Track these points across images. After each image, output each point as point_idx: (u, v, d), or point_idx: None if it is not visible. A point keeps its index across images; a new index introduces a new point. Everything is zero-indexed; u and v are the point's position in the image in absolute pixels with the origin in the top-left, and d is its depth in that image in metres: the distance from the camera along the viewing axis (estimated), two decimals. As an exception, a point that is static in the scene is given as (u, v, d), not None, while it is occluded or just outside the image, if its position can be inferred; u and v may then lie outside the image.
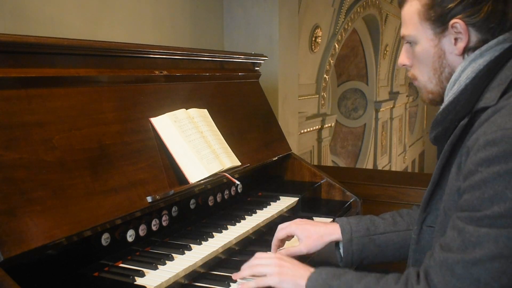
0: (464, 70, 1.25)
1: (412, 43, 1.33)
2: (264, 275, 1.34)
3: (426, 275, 1.14)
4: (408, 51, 1.37)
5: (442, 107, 1.30)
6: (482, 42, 1.23)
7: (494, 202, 1.03)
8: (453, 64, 1.28)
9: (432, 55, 1.29)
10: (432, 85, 1.34)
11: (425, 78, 1.34)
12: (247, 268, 1.39)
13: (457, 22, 1.21)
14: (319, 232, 1.56)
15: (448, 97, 1.28)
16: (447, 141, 1.26)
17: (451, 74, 1.29)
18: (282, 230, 1.60)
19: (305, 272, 1.30)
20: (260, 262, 1.38)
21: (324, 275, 1.27)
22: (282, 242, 1.63)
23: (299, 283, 1.28)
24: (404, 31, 1.34)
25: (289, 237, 1.63)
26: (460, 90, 1.25)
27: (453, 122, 1.24)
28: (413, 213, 1.63)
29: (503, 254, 1.02)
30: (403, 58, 1.39)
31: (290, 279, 1.30)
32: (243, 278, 1.40)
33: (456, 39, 1.24)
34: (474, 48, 1.24)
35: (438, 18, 1.24)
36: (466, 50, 1.25)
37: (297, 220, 1.63)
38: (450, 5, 1.22)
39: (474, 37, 1.23)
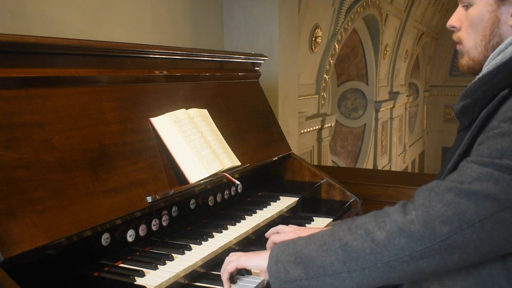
0: None
1: (468, 5, 1.29)
2: (232, 263, 1.33)
3: (405, 202, 1.11)
4: (460, 13, 1.32)
5: (478, 76, 1.26)
6: None
7: (505, 154, 1.01)
8: (505, 34, 1.24)
9: (486, 21, 1.25)
10: (476, 52, 1.29)
11: (471, 43, 1.30)
12: (222, 272, 1.38)
13: None
14: None
15: (488, 66, 1.24)
16: (475, 113, 1.22)
17: (498, 44, 1.24)
18: (280, 235, 1.55)
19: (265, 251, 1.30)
20: (228, 258, 1.37)
21: (292, 240, 1.25)
22: None
23: (266, 253, 1.26)
24: None
25: None
26: (503, 62, 1.20)
27: (486, 94, 1.20)
28: None
29: (498, 197, 1.00)
30: (454, 20, 1.33)
31: (257, 254, 1.30)
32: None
33: None
34: None
35: None
36: None
37: (295, 228, 1.58)
38: None
39: None
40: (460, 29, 1.33)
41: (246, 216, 1.88)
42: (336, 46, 6.06)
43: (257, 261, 1.29)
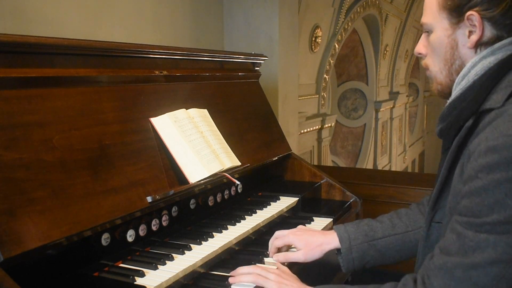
0: (474, 66, 1.23)
1: (429, 31, 1.32)
2: (262, 279, 1.35)
3: (424, 279, 1.14)
4: (424, 40, 1.36)
5: (449, 101, 1.29)
6: (496, 39, 1.21)
7: (494, 209, 1.03)
8: (465, 57, 1.26)
9: (445, 45, 1.28)
10: (442, 76, 1.32)
11: (436, 68, 1.33)
12: (247, 275, 1.39)
13: (473, 14, 1.20)
14: (318, 241, 1.56)
15: (456, 91, 1.27)
16: (451, 138, 1.25)
17: (461, 67, 1.27)
18: (280, 239, 1.60)
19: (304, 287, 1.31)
20: (261, 272, 1.38)
21: None
22: (279, 249, 1.64)
23: None
24: (423, 18, 1.33)
25: (287, 246, 1.64)
26: (468, 86, 1.23)
27: (457, 119, 1.23)
28: (411, 212, 1.62)
29: (502, 259, 1.02)
30: (420, 47, 1.37)
31: None
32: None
33: (470, 32, 1.23)
34: (487, 44, 1.22)
35: (455, 8, 1.23)
36: (479, 45, 1.23)
37: (295, 230, 1.62)
38: None
39: (489, 32, 1.21)
40: (426, 55, 1.36)
41: (246, 216, 1.88)
42: (336, 46, 6.06)
43: None
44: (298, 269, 1.56)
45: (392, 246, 1.56)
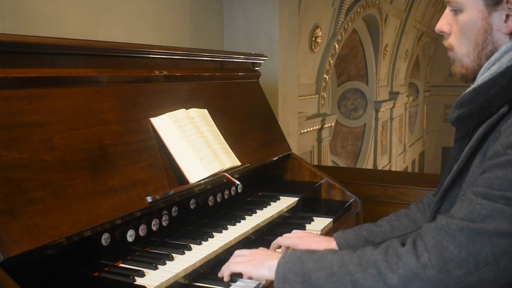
0: (508, 51, 1.16)
1: (457, 10, 1.22)
2: (236, 265, 1.33)
3: (415, 240, 1.08)
4: (449, 17, 1.26)
5: (473, 86, 1.21)
6: None
7: None
8: (498, 42, 1.18)
9: (478, 28, 1.19)
10: (469, 60, 1.23)
11: (463, 51, 1.24)
12: (224, 268, 1.38)
13: None
14: (322, 248, 1.55)
15: (483, 76, 1.19)
16: (472, 124, 1.19)
17: (492, 52, 1.19)
18: (286, 239, 1.59)
19: (276, 255, 1.28)
20: (234, 260, 1.37)
21: (299, 252, 1.24)
22: (280, 248, 1.63)
23: (271, 263, 1.25)
24: None
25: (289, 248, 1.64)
26: (499, 72, 1.15)
27: (484, 106, 1.16)
28: (410, 212, 1.60)
29: None
30: (443, 24, 1.27)
31: (261, 262, 1.28)
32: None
33: (507, 16, 1.15)
34: None
35: None
36: None
37: (302, 235, 1.61)
38: None
39: None
40: (449, 34, 1.27)
41: (246, 216, 1.88)
42: (336, 46, 6.06)
43: (263, 271, 1.27)
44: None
45: None
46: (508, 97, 1.11)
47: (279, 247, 1.62)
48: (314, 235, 1.64)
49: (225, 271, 1.37)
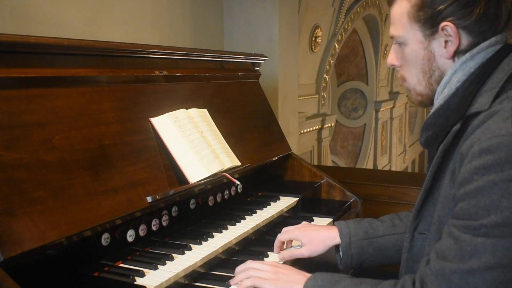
0: (455, 73, 1.22)
1: (401, 44, 1.30)
2: (260, 281, 1.33)
3: (422, 284, 1.12)
4: (397, 51, 1.34)
5: (432, 110, 1.27)
6: (473, 45, 1.20)
7: (490, 211, 1.01)
8: (443, 67, 1.25)
9: (422, 58, 1.26)
10: (421, 88, 1.31)
11: (414, 80, 1.32)
12: (242, 272, 1.37)
13: (448, 25, 1.18)
14: (322, 236, 1.57)
15: (439, 100, 1.25)
16: (438, 146, 1.23)
17: (441, 77, 1.26)
18: (286, 233, 1.63)
19: (301, 277, 1.29)
20: (256, 266, 1.37)
21: (320, 281, 1.26)
22: (284, 244, 1.65)
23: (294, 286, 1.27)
24: (393, 31, 1.31)
25: (291, 241, 1.67)
26: (451, 93, 1.22)
27: (444, 127, 1.21)
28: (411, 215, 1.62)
29: (500, 264, 1.01)
30: (392, 58, 1.36)
31: (286, 285, 1.29)
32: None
33: (446, 42, 1.21)
34: (465, 51, 1.21)
35: (428, 20, 1.21)
36: (457, 53, 1.22)
37: (301, 226, 1.65)
38: (440, 7, 1.18)
39: (465, 40, 1.20)
40: (400, 66, 1.34)
41: (246, 216, 1.88)
42: (336, 46, 6.06)
43: None
44: (300, 268, 1.56)
45: (392, 245, 1.56)
46: (459, 114, 1.17)
47: (281, 245, 1.64)
48: (312, 225, 1.68)
49: (240, 275, 1.36)
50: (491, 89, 1.14)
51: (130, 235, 1.46)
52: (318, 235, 1.58)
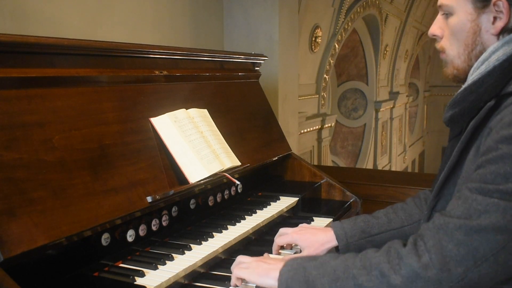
0: (496, 51, 1.21)
1: (448, 14, 1.29)
2: (241, 271, 1.33)
3: (416, 240, 1.10)
4: (441, 21, 1.32)
5: (464, 86, 1.26)
6: None
7: (509, 178, 1.01)
8: (487, 43, 1.24)
9: (467, 30, 1.25)
10: (460, 61, 1.29)
11: (454, 53, 1.30)
12: (233, 269, 1.37)
13: (500, 0, 1.18)
14: (320, 240, 1.57)
15: (473, 76, 1.24)
16: (464, 123, 1.23)
17: (481, 53, 1.24)
18: (284, 237, 1.62)
19: (281, 262, 1.29)
20: (241, 259, 1.37)
21: (300, 259, 1.25)
22: (281, 247, 1.65)
23: (274, 273, 1.26)
24: (442, 0, 1.30)
25: (290, 244, 1.66)
26: (488, 71, 1.20)
27: (474, 104, 1.20)
28: (407, 207, 1.62)
29: (508, 228, 1.00)
30: (435, 28, 1.34)
31: (264, 272, 1.28)
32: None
33: (495, 18, 1.21)
34: (511, 30, 1.20)
35: None
36: (503, 31, 1.21)
37: (297, 229, 1.63)
38: None
39: None
40: (442, 38, 1.33)
41: (246, 216, 1.88)
42: (336, 46, 6.06)
43: (268, 281, 1.27)
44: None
45: (389, 241, 1.56)
46: (494, 92, 1.16)
47: (280, 249, 1.64)
48: (309, 227, 1.67)
49: (232, 278, 1.37)
50: None
51: (130, 235, 1.46)
52: (316, 238, 1.57)
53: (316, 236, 1.58)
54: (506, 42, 1.20)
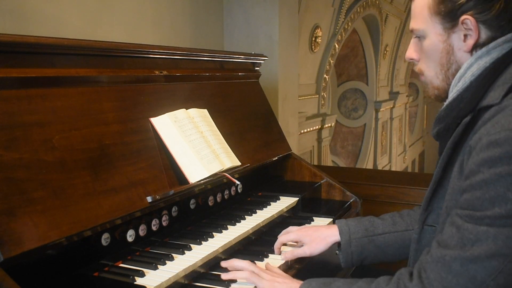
0: (470, 67, 1.24)
1: (420, 37, 1.32)
2: (255, 277, 1.35)
3: (420, 273, 1.13)
4: (416, 45, 1.35)
5: (446, 103, 1.29)
6: (491, 39, 1.21)
7: (495, 203, 1.03)
8: (461, 60, 1.26)
9: (441, 51, 1.28)
10: (438, 81, 1.32)
11: (431, 74, 1.33)
12: (241, 272, 1.38)
13: (468, 18, 1.20)
14: (322, 235, 1.60)
15: (453, 93, 1.27)
16: (448, 138, 1.25)
17: (457, 70, 1.27)
18: (286, 235, 1.65)
19: (296, 284, 1.32)
20: (255, 270, 1.38)
21: (314, 283, 1.28)
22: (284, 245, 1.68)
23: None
24: (413, 24, 1.32)
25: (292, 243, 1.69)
26: (465, 87, 1.24)
27: (455, 119, 1.23)
28: (413, 213, 1.63)
29: (502, 253, 1.02)
30: (411, 52, 1.37)
31: (283, 285, 1.31)
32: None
33: (465, 36, 1.23)
34: (482, 45, 1.22)
35: (449, 13, 1.23)
36: (475, 47, 1.23)
37: (301, 227, 1.68)
38: (461, 1, 1.20)
39: (484, 34, 1.21)
40: (419, 61, 1.36)
41: (246, 216, 1.88)
42: (336, 46, 6.06)
43: None
44: (299, 268, 1.58)
45: (392, 243, 1.57)
46: (470, 107, 1.19)
47: (281, 246, 1.66)
48: (313, 226, 1.73)
49: (240, 273, 1.39)
50: (503, 83, 1.15)
51: (130, 235, 1.46)
52: (318, 233, 1.61)
53: (319, 231, 1.61)
54: (479, 57, 1.23)
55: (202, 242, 1.59)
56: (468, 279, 1.05)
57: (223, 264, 1.45)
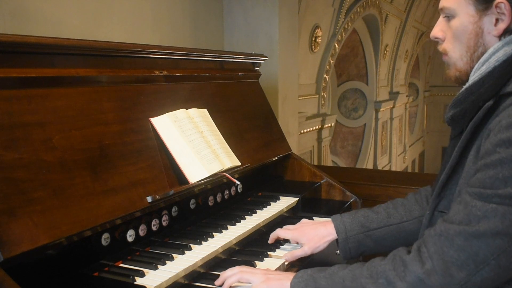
0: (496, 52, 1.22)
1: (450, 16, 1.29)
2: (247, 274, 1.35)
3: (420, 247, 1.12)
4: (443, 24, 1.33)
5: (465, 86, 1.27)
6: None
7: (507, 182, 1.02)
8: (488, 44, 1.25)
9: (470, 32, 1.25)
10: (462, 63, 1.30)
11: (456, 55, 1.30)
12: (232, 276, 1.36)
13: (502, 2, 1.19)
14: (320, 234, 1.61)
15: (474, 77, 1.25)
16: (465, 123, 1.23)
17: (483, 54, 1.25)
18: (285, 232, 1.67)
19: (290, 274, 1.32)
20: (246, 269, 1.38)
21: (310, 270, 1.28)
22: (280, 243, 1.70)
23: (284, 283, 1.29)
24: (444, 2, 1.30)
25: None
26: (488, 71, 1.22)
27: (474, 104, 1.21)
28: (407, 203, 1.64)
29: (507, 232, 1.01)
30: (437, 31, 1.34)
31: (276, 282, 1.31)
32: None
33: (497, 20, 1.21)
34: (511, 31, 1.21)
35: None
36: (505, 32, 1.22)
37: (298, 225, 1.69)
38: None
39: None
40: (444, 40, 1.33)
41: (246, 216, 1.88)
42: (336, 46, 6.06)
43: None
44: (302, 265, 1.59)
45: (387, 236, 1.59)
46: (493, 92, 1.17)
47: (277, 238, 1.69)
48: (310, 222, 1.71)
49: (232, 277, 1.37)
50: None
51: (130, 235, 1.46)
52: (316, 233, 1.61)
53: (316, 230, 1.62)
54: (507, 43, 1.21)
55: (202, 242, 1.59)
56: (469, 255, 1.04)
57: (217, 283, 1.40)
